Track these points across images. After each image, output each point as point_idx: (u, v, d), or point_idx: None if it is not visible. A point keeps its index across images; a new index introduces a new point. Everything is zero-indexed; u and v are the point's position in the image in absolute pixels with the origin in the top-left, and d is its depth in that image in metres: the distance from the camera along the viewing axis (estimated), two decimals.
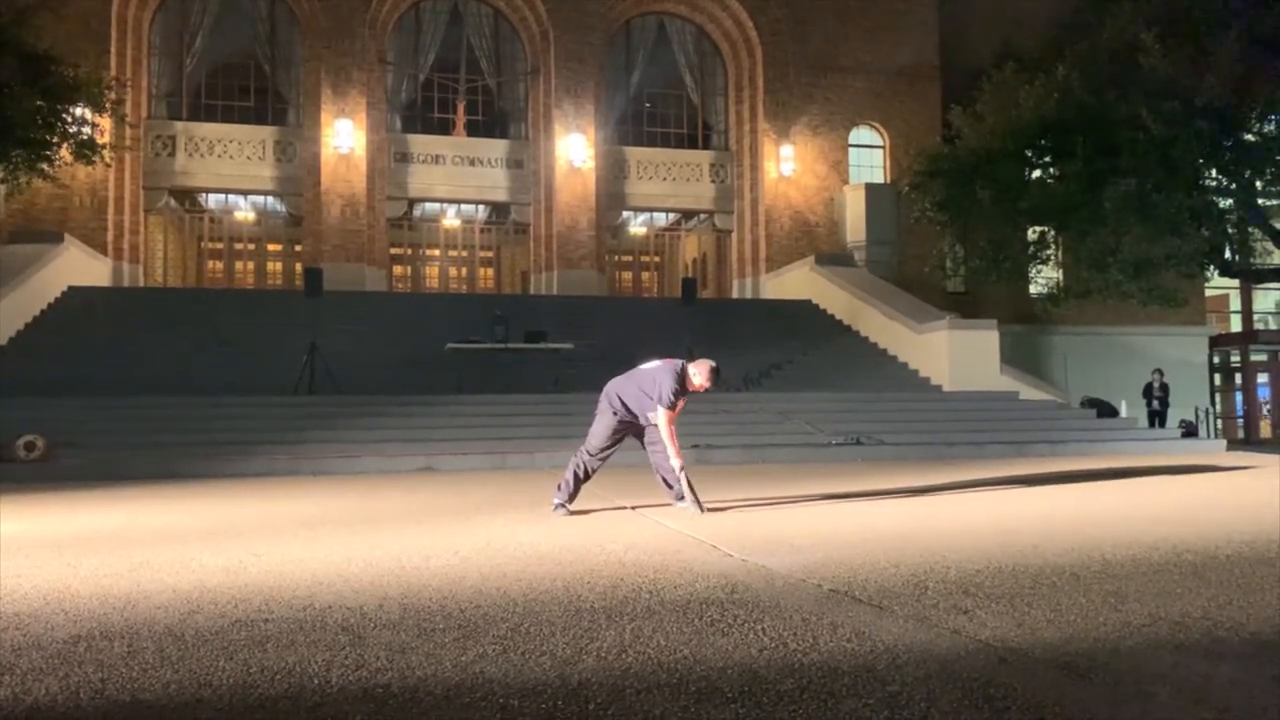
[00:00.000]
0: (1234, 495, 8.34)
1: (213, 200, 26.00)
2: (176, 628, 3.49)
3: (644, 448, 7.02)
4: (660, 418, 6.66)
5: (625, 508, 7.19)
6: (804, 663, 2.92)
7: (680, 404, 6.82)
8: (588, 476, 6.96)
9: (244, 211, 26.60)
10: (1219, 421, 27.02)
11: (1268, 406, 28.75)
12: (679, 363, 6.85)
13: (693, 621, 3.49)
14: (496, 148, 25.81)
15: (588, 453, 6.89)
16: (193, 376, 15.92)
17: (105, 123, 19.07)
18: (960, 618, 3.49)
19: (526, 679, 2.79)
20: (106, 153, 18.63)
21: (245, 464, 11.76)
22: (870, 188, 25.99)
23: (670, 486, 6.99)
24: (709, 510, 6.78)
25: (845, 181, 26.44)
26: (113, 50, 22.63)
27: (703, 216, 27.72)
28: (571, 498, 6.91)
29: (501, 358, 16.49)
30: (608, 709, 2.51)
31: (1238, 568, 4.48)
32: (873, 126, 27.10)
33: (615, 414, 6.84)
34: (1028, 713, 2.44)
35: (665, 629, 3.37)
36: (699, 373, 6.76)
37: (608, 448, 6.91)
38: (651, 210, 27.86)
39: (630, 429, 6.92)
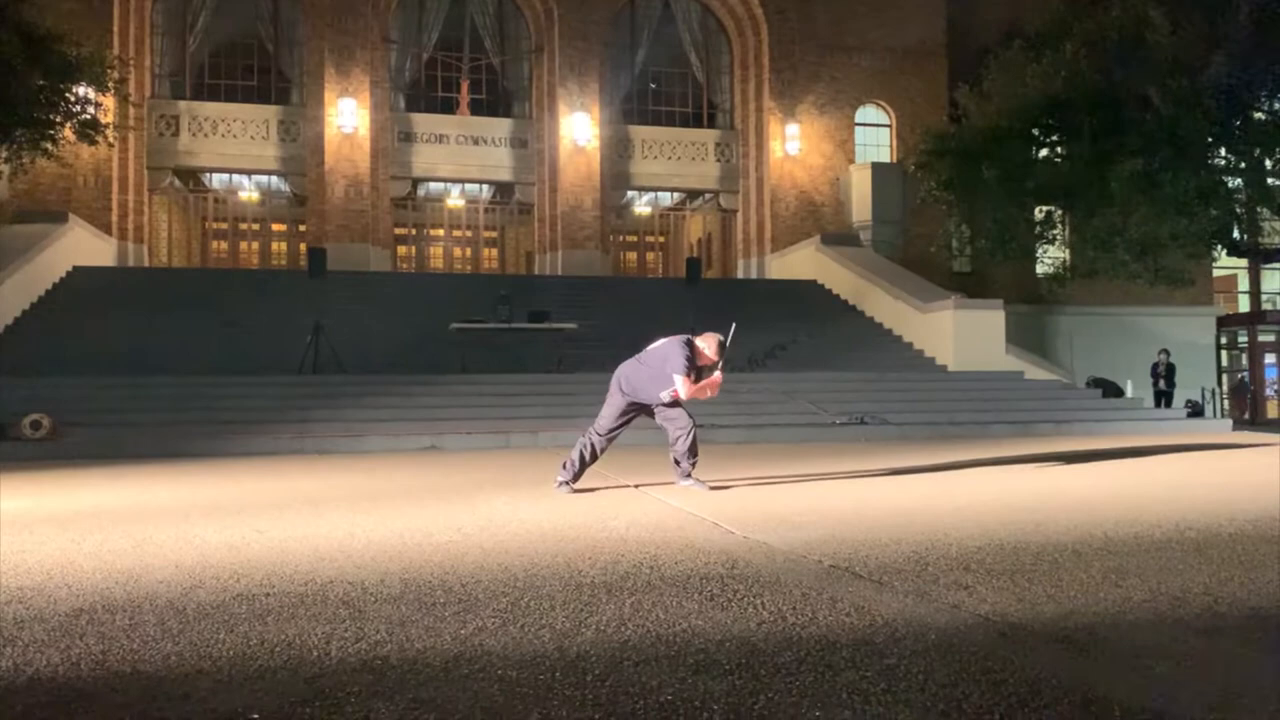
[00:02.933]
0: (1238, 474, 8.32)
1: (216, 180, 25.93)
2: (178, 601, 3.50)
3: (660, 426, 7.05)
4: (679, 384, 6.64)
5: (629, 486, 7.21)
6: (802, 636, 2.93)
7: (693, 377, 6.77)
8: (594, 457, 6.98)
9: (248, 191, 26.56)
10: (1225, 401, 26.94)
11: (1275, 386, 28.66)
12: (685, 336, 6.87)
13: (692, 596, 3.50)
14: (500, 127, 25.70)
15: (596, 433, 6.93)
16: (197, 356, 15.94)
17: (108, 102, 19.02)
18: (960, 593, 3.49)
19: (525, 651, 2.80)
20: (110, 132, 18.57)
21: (250, 443, 11.78)
22: (876, 167, 25.82)
23: (678, 464, 7.00)
24: (712, 489, 6.81)
25: (851, 161, 26.28)
26: (115, 29, 22.54)
27: (708, 196, 27.58)
28: (576, 477, 6.93)
29: (505, 338, 16.49)
30: (605, 680, 2.52)
31: (1240, 545, 4.48)
32: (879, 105, 26.92)
33: (625, 396, 6.89)
34: (1025, 686, 2.45)
35: (665, 603, 3.38)
36: (707, 346, 6.81)
37: (616, 429, 6.96)
38: (656, 190, 27.74)
39: (640, 410, 6.94)
